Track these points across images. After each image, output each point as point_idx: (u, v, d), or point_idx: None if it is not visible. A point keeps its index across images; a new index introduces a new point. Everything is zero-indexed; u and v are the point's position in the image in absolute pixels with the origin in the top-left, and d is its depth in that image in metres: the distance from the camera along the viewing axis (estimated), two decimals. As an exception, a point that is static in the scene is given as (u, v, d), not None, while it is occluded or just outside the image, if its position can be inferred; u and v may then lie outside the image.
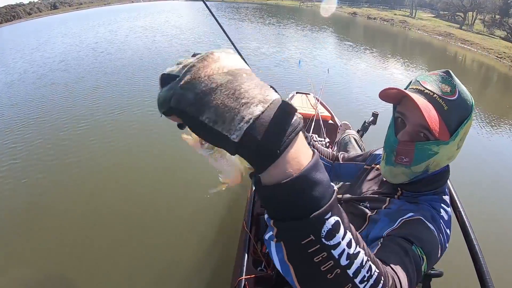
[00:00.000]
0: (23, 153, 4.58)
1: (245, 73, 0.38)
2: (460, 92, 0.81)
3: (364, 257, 0.42)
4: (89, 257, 2.81)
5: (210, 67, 0.37)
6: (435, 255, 0.78)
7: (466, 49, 19.04)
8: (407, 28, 26.54)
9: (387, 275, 0.49)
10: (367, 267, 0.43)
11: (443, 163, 0.88)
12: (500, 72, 13.95)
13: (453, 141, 0.82)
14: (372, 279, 0.44)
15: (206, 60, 0.37)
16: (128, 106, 6.12)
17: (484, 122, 6.77)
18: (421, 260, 0.71)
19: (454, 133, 0.82)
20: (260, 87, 0.38)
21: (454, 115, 0.81)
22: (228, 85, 0.36)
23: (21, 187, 3.81)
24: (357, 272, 0.41)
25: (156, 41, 13.52)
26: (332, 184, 0.41)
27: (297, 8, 41.06)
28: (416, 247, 0.73)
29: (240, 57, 0.43)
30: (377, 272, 0.45)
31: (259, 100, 0.36)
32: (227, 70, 0.37)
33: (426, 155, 0.84)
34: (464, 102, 0.81)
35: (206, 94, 0.35)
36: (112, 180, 3.87)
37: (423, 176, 0.91)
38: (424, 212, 0.84)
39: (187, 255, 2.81)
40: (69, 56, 11.39)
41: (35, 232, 3.12)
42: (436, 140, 0.82)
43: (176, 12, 28.99)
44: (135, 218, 3.21)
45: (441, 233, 0.81)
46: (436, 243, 0.78)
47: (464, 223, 1.16)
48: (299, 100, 3.97)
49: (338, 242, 0.39)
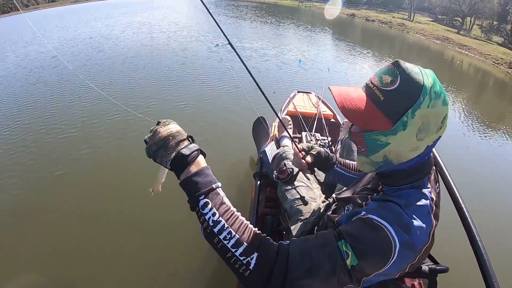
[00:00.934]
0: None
1: (171, 134, 0.84)
2: (402, 81, 0.81)
3: (225, 224, 0.77)
4: (84, 260, 2.69)
5: (159, 130, 0.85)
6: (379, 253, 0.79)
7: (464, 54, 19.12)
8: (405, 31, 26.63)
9: (263, 246, 0.77)
10: (228, 231, 0.77)
11: (405, 153, 0.86)
12: (497, 78, 14.01)
13: (403, 130, 0.82)
14: (233, 239, 0.76)
15: (157, 131, 0.85)
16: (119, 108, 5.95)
17: (485, 126, 6.77)
18: (342, 254, 0.77)
19: (398, 121, 0.81)
20: (176, 142, 0.83)
21: (393, 104, 0.81)
22: (162, 143, 0.83)
23: (8, 188, 3.67)
24: (220, 231, 0.77)
25: (154, 37, 13.29)
26: (212, 183, 0.82)
27: (295, 8, 41.04)
28: (343, 243, 0.78)
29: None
30: (237, 237, 0.76)
31: (174, 149, 0.82)
32: (166, 131, 0.84)
33: (377, 145, 0.86)
34: (407, 91, 0.80)
35: (157, 146, 0.83)
36: (109, 180, 3.75)
37: (392, 168, 0.91)
38: (381, 211, 0.84)
39: (191, 255, 2.73)
40: (62, 51, 10.99)
41: (22, 234, 2.99)
42: (381, 131, 0.84)
43: (174, 8, 28.82)
44: (134, 219, 3.10)
45: (408, 229, 0.80)
46: (384, 242, 0.79)
47: (466, 219, 1.18)
48: (300, 99, 3.90)
49: (207, 212, 0.78)
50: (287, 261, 0.76)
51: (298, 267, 0.76)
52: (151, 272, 2.58)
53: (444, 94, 0.83)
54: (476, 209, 3.32)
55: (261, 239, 0.79)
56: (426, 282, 1.19)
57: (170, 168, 0.83)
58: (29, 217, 3.20)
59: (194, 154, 0.84)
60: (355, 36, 21.98)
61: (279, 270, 0.75)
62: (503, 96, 11.14)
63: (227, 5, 32.39)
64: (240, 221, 0.80)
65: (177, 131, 0.86)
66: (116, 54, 10.20)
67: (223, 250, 0.77)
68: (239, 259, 0.75)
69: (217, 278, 2.57)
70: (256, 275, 0.75)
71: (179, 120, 0.90)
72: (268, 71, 8.52)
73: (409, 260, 0.83)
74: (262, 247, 0.77)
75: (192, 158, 0.83)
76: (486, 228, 3.15)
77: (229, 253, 0.76)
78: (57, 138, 4.70)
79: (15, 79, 8.05)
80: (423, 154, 0.88)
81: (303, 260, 0.77)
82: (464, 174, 4.46)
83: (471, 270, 1.14)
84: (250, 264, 0.75)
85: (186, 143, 0.84)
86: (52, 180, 3.74)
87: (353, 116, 0.84)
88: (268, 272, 0.75)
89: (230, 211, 0.80)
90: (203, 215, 0.78)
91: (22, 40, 14.34)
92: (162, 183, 0.97)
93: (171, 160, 0.82)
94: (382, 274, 0.83)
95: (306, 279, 0.75)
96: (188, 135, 0.88)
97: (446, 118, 0.84)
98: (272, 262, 0.76)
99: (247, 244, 0.76)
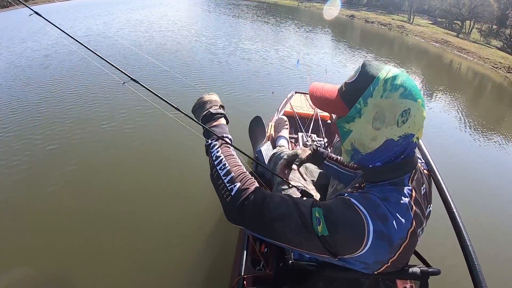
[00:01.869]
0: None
1: (210, 100, 1.15)
2: (361, 73, 0.90)
3: (223, 159, 0.98)
4: (79, 257, 2.68)
5: (203, 96, 1.17)
6: (350, 231, 0.83)
7: (463, 58, 19.21)
8: (405, 33, 26.69)
9: (246, 181, 0.93)
10: (223, 163, 0.96)
11: (367, 143, 0.91)
12: (495, 82, 14.07)
13: (359, 118, 0.89)
14: (225, 169, 0.95)
15: (202, 97, 1.17)
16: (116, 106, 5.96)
17: (483, 130, 6.82)
18: (313, 218, 0.84)
19: (351, 108, 0.90)
20: (210, 105, 1.14)
21: (350, 93, 0.91)
22: (202, 104, 1.15)
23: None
24: (218, 163, 0.97)
25: (153, 37, 13.16)
26: (223, 134, 1.06)
27: (295, 8, 41.03)
28: (317, 210, 0.85)
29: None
30: (228, 168, 0.95)
31: (206, 109, 1.13)
32: (208, 98, 1.16)
33: (344, 132, 0.95)
34: (361, 81, 0.89)
35: (198, 105, 1.16)
36: (105, 179, 3.72)
37: (364, 159, 0.96)
38: (361, 199, 0.87)
39: (185, 254, 2.73)
40: (55, 50, 10.30)
41: (16, 233, 2.96)
42: (343, 117, 0.93)
43: (173, 6, 28.70)
44: (129, 218, 3.08)
45: (385, 220, 0.83)
46: (356, 222, 0.82)
47: (457, 224, 1.18)
48: (298, 99, 3.90)
49: (213, 150, 1.01)
50: (265, 199, 0.89)
51: (274, 209, 0.87)
52: (146, 270, 2.58)
53: (409, 89, 0.85)
54: (468, 214, 3.36)
55: (246, 176, 0.95)
56: (418, 284, 1.19)
57: (201, 122, 1.11)
58: (25, 213, 3.18)
59: (219, 116, 1.12)
60: (354, 37, 22.03)
61: (252, 203, 0.88)
62: (501, 100, 11.19)
63: (228, 4, 32.32)
64: (236, 161, 1.00)
65: (214, 100, 1.16)
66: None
67: (217, 178, 0.95)
68: (225, 185, 0.92)
69: (212, 277, 2.57)
70: (233, 201, 0.90)
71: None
72: (266, 71, 8.54)
73: (387, 252, 0.85)
74: (245, 181, 0.93)
75: (216, 117, 1.11)
76: (477, 233, 3.17)
77: (220, 180, 0.94)
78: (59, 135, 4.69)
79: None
80: (395, 150, 0.91)
81: (280, 205, 0.88)
82: (458, 178, 4.48)
83: (463, 274, 1.15)
84: (232, 190, 0.91)
85: (216, 108, 1.13)
86: (49, 178, 3.71)
87: (318, 102, 1.01)
88: (243, 200, 0.89)
89: (230, 153, 1.02)
90: (211, 153, 1.02)
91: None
92: None
93: (202, 116, 1.12)
94: (359, 261, 0.86)
95: (278, 222, 0.86)
96: (220, 104, 1.17)
97: (410, 114, 0.85)
98: (249, 194, 0.90)
99: (234, 174, 0.93)
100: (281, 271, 1.42)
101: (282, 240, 0.88)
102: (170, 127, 4.56)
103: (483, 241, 3.10)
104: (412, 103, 0.85)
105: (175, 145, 4.34)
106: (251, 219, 0.89)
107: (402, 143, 0.89)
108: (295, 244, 0.87)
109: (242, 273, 1.51)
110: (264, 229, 0.89)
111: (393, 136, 0.87)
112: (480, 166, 5.17)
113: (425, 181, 1.03)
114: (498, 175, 4.99)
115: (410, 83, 0.86)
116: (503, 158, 5.85)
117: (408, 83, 0.85)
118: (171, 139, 4.49)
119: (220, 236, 2.90)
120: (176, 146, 4.33)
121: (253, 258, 1.70)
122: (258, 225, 0.90)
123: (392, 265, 0.89)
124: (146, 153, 4.23)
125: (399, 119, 0.85)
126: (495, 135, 6.79)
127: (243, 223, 0.91)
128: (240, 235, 2.02)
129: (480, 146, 6.10)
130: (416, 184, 0.96)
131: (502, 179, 4.88)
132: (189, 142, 4.26)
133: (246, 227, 0.91)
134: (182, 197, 3.40)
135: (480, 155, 5.74)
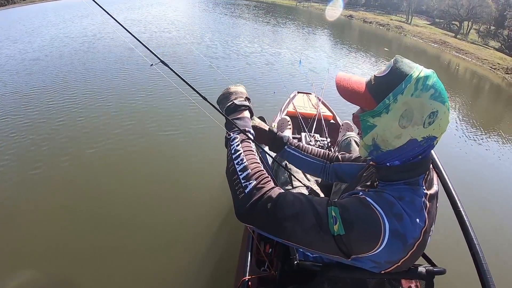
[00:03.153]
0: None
1: (235, 91, 1.17)
2: (394, 68, 0.89)
3: (242, 153, 0.97)
4: (80, 261, 2.65)
5: (229, 87, 1.20)
6: (367, 230, 0.83)
7: (461, 58, 19.22)
8: (403, 34, 26.70)
9: (263, 179, 0.91)
10: (241, 157, 0.95)
11: (391, 140, 0.90)
12: (494, 83, 14.11)
13: (386, 113, 0.88)
14: (243, 165, 0.93)
15: (228, 88, 1.20)
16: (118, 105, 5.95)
17: (484, 130, 6.84)
18: (329, 218, 0.84)
19: (380, 102, 0.88)
20: (235, 97, 1.15)
21: (379, 87, 0.89)
22: (228, 94, 1.17)
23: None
24: (236, 157, 0.96)
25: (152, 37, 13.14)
26: (246, 127, 1.07)
27: (293, 7, 40.95)
28: (333, 209, 0.85)
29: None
30: (246, 163, 0.94)
31: (231, 100, 1.13)
32: (235, 89, 1.18)
33: (367, 126, 0.93)
34: (393, 77, 0.87)
35: (224, 96, 1.17)
36: (106, 180, 3.69)
37: (383, 157, 0.95)
38: (376, 197, 0.88)
39: (189, 255, 2.72)
40: (44, 53, 9.88)
41: (16, 230, 2.96)
42: (369, 111, 0.91)
43: (171, 5, 28.59)
44: (132, 220, 3.07)
45: (400, 219, 0.84)
46: (373, 221, 0.83)
47: (464, 223, 1.17)
48: (300, 99, 3.89)
49: (233, 144, 1.01)
50: (279, 199, 0.87)
51: (287, 208, 0.86)
52: (150, 271, 2.57)
53: (439, 91, 0.86)
54: (474, 213, 3.38)
55: (263, 174, 0.93)
56: (423, 284, 1.18)
57: (225, 113, 1.12)
58: (25, 213, 3.17)
59: (243, 108, 1.12)
60: (353, 37, 22.00)
61: (265, 202, 0.86)
62: (499, 101, 11.23)
63: (226, 4, 32.24)
64: (254, 157, 0.98)
65: (240, 91, 1.17)
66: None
67: (233, 172, 0.94)
68: (240, 182, 0.91)
69: (216, 277, 2.57)
70: (246, 198, 0.88)
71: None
72: (268, 71, 8.52)
73: (400, 251, 0.86)
74: (261, 179, 0.91)
75: (240, 109, 1.12)
76: (484, 232, 3.19)
77: (235, 175, 0.93)
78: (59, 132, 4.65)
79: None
80: (416, 151, 0.91)
81: (294, 204, 0.86)
82: (462, 177, 4.52)
83: (468, 273, 1.15)
84: (247, 187, 0.89)
85: (241, 100, 1.14)
86: (49, 177, 3.70)
87: (345, 92, 0.96)
88: (256, 199, 0.87)
89: (250, 148, 1.01)
90: (230, 146, 1.01)
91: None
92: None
93: (226, 107, 1.12)
94: (371, 259, 0.86)
95: (291, 221, 0.85)
96: (246, 96, 1.17)
97: (437, 116, 0.86)
98: (263, 193, 0.88)
99: (251, 171, 0.92)
100: (286, 271, 1.41)
101: (292, 240, 0.87)
102: (190, 117, 4.70)
103: (489, 240, 3.14)
104: (440, 105, 0.85)
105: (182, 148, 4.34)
106: (262, 218, 0.87)
107: (424, 144, 0.89)
108: (305, 244, 0.86)
109: (246, 274, 1.52)
110: (275, 228, 0.87)
111: (417, 136, 0.87)
112: (479, 166, 5.20)
113: (435, 182, 1.03)
114: (498, 174, 5.04)
115: (440, 86, 0.87)
116: (504, 158, 5.87)
117: (439, 85, 0.86)
118: (186, 135, 4.52)
119: (224, 236, 2.90)
120: (183, 148, 4.33)
121: (257, 259, 1.70)
122: (269, 224, 0.88)
123: (403, 264, 0.90)
124: (156, 152, 4.23)
125: (426, 120, 0.85)
126: (495, 135, 6.83)
127: (253, 221, 0.89)
128: (245, 236, 2.01)
129: (480, 145, 6.13)
130: (428, 184, 0.97)
131: (502, 178, 4.92)
132: (199, 140, 4.30)
133: (256, 226, 0.89)
134: (186, 198, 3.38)
135: (480, 154, 5.76)
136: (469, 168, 5.00)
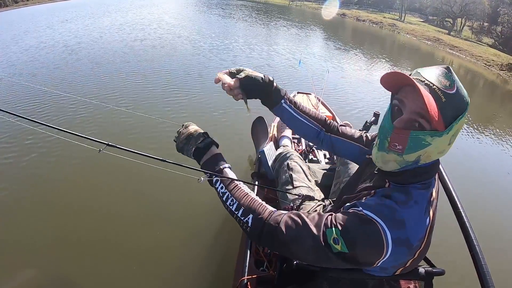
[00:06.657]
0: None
1: (190, 133, 1.18)
2: (458, 88, 0.84)
3: (229, 194, 1.04)
4: (80, 261, 2.64)
5: (182, 132, 1.20)
6: (369, 246, 0.86)
7: (455, 55, 19.34)
8: (396, 31, 26.78)
9: (257, 210, 0.99)
10: (231, 198, 1.03)
11: (434, 156, 0.89)
12: (488, 80, 14.18)
13: (447, 134, 0.84)
14: (235, 205, 1.02)
15: (182, 128, 1.22)
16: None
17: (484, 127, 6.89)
18: (326, 239, 0.87)
19: (449, 125, 0.84)
20: (195, 140, 1.16)
21: (450, 108, 0.83)
22: (185, 141, 1.18)
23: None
24: (226, 199, 1.05)
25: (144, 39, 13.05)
26: (220, 165, 1.12)
27: (286, 7, 40.90)
28: (334, 230, 0.87)
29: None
30: (237, 203, 1.01)
31: (194, 145, 1.16)
32: (187, 132, 1.18)
33: (419, 144, 0.86)
34: (461, 98, 0.84)
35: (182, 143, 1.18)
36: (107, 180, 3.65)
37: (411, 167, 0.92)
38: (377, 207, 0.89)
39: (188, 256, 2.72)
40: (34, 58, 9.30)
41: (19, 228, 2.93)
42: (432, 131, 0.84)
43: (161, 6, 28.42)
44: (131, 219, 3.07)
45: (402, 224, 0.86)
46: (374, 236, 0.84)
47: (464, 224, 1.19)
48: (300, 100, 3.87)
49: (217, 186, 1.09)
50: (278, 225, 0.93)
51: (287, 232, 0.91)
52: (149, 271, 2.57)
53: None
54: (474, 214, 3.36)
55: (255, 203, 1.01)
56: (422, 285, 1.20)
57: (193, 158, 1.16)
58: (32, 209, 3.17)
59: (208, 146, 1.14)
60: (347, 36, 21.98)
61: (268, 230, 0.94)
62: (495, 97, 11.29)
63: (218, 3, 32.12)
64: (241, 190, 1.05)
65: (195, 130, 1.18)
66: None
67: (231, 212, 1.03)
68: (241, 219, 1.00)
69: (215, 277, 2.57)
70: (253, 231, 0.97)
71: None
72: (268, 71, 8.47)
73: (406, 255, 0.89)
74: (256, 210, 0.99)
75: (206, 149, 1.14)
76: (484, 233, 3.19)
77: (234, 215, 1.02)
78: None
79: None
80: None
81: (291, 228, 0.92)
82: (461, 177, 4.52)
83: (467, 274, 1.15)
84: (248, 222, 0.98)
85: (201, 139, 1.15)
86: (50, 175, 3.68)
87: (435, 113, 0.82)
88: (260, 230, 0.96)
89: (234, 184, 1.07)
90: (216, 188, 1.10)
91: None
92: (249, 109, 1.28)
93: (192, 153, 1.15)
94: (380, 267, 0.90)
95: (292, 244, 0.91)
96: (203, 132, 1.18)
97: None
98: (262, 223, 0.96)
99: (245, 208, 1.00)
100: (285, 272, 1.41)
101: (299, 259, 0.98)
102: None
103: (489, 240, 3.12)
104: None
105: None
106: (269, 244, 0.97)
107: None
108: (312, 262, 0.93)
109: (245, 274, 1.52)
110: (282, 250, 0.96)
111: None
112: (478, 164, 5.23)
113: (437, 181, 1.05)
114: (497, 173, 5.07)
115: None
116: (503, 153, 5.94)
117: None
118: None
119: (224, 236, 2.90)
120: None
121: (256, 259, 1.71)
122: (276, 248, 0.97)
123: (412, 264, 0.95)
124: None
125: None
126: (492, 131, 6.89)
127: (264, 246, 1.01)
128: (244, 236, 2.03)
129: (480, 144, 6.16)
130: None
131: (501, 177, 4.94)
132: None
133: (269, 248, 1.03)
134: (185, 198, 3.37)
135: (479, 151, 5.81)
136: (467, 166, 5.02)
